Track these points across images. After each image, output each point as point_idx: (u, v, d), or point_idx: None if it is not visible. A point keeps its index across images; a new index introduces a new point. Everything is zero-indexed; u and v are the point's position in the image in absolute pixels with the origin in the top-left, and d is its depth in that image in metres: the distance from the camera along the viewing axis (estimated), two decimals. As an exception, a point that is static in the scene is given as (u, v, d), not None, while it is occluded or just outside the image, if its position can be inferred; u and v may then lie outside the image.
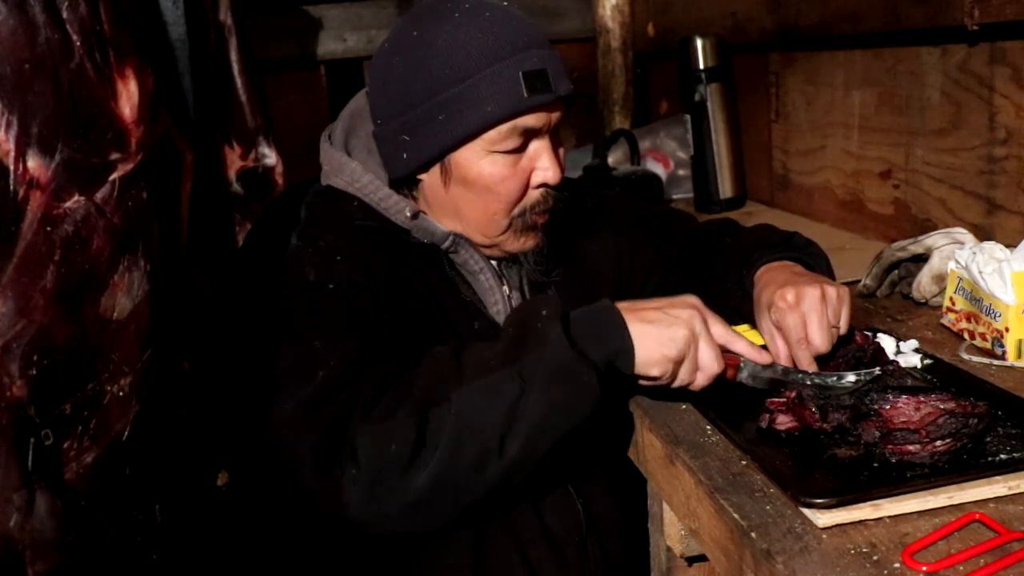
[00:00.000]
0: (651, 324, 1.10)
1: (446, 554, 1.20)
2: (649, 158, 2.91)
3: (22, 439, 0.79)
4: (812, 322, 1.19)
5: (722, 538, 0.98)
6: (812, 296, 1.19)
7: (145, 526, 0.92)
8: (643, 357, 1.09)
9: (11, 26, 0.76)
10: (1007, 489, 0.94)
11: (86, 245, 0.82)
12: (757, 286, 1.30)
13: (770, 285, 1.26)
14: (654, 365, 1.10)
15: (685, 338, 1.10)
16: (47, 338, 0.80)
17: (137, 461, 0.90)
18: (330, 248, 1.20)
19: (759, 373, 1.17)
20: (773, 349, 1.23)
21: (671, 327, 1.10)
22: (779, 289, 1.22)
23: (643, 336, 1.09)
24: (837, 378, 1.16)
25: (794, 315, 1.19)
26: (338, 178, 1.27)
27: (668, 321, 1.11)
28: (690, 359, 1.12)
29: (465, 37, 1.18)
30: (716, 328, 1.15)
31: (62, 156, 0.80)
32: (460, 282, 1.29)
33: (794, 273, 1.28)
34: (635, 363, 1.10)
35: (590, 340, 1.08)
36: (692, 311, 1.13)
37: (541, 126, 1.22)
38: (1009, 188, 1.73)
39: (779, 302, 1.21)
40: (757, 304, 1.28)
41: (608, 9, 3.23)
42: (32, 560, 0.81)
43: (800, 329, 1.19)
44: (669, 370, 1.11)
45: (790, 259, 1.35)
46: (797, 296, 1.20)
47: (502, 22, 1.20)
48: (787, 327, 1.20)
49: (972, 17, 1.64)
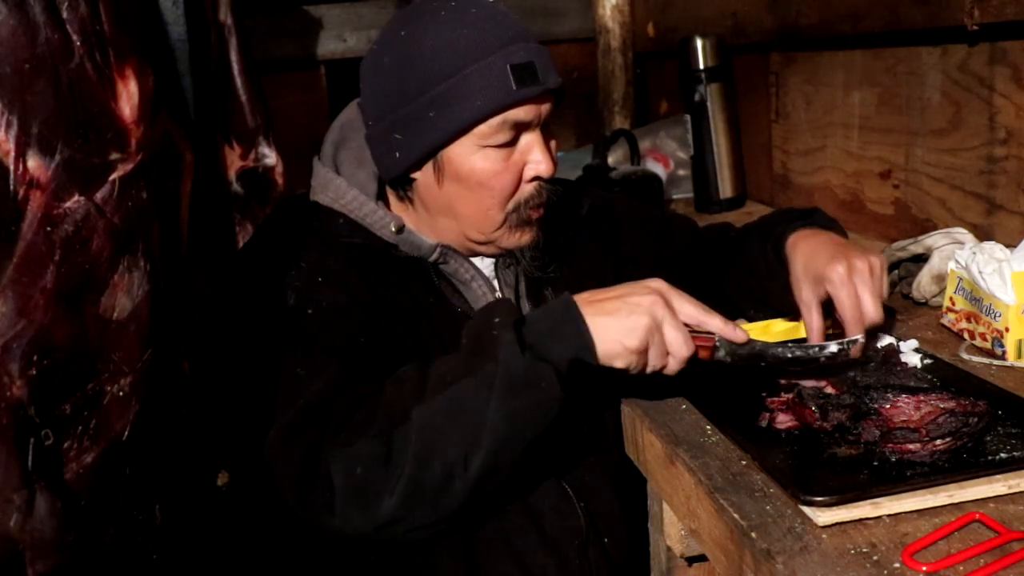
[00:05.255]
0: (610, 316, 1.07)
1: (439, 565, 1.20)
2: (649, 158, 2.91)
3: (22, 439, 0.79)
4: (865, 295, 1.18)
5: (722, 538, 0.98)
6: (862, 269, 1.19)
7: (145, 526, 0.92)
8: (604, 351, 1.07)
9: (11, 26, 0.76)
10: (1007, 488, 0.94)
11: (86, 245, 0.82)
12: (796, 256, 1.26)
13: (817, 256, 1.23)
14: (616, 357, 1.08)
15: (646, 326, 1.07)
16: (47, 338, 0.80)
17: (137, 461, 0.90)
18: (313, 269, 1.21)
19: (737, 350, 1.14)
20: (808, 321, 1.21)
21: (630, 316, 1.07)
22: (830, 262, 1.20)
23: (602, 329, 1.07)
24: (819, 348, 1.15)
25: (848, 288, 1.18)
26: (324, 194, 1.28)
27: (627, 310, 1.07)
28: (656, 345, 1.08)
29: (452, 33, 1.19)
30: (684, 308, 1.11)
31: (62, 156, 0.80)
32: (451, 293, 1.29)
33: (835, 243, 1.26)
34: (597, 357, 1.07)
35: (548, 341, 1.06)
36: (654, 296, 1.09)
37: (531, 119, 1.22)
38: (1009, 188, 1.73)
39: (831, 275, 1.19)
40: (803, 274, 1.24)
41: (608, 9, 3.23)
42: (32, 560, 0.81)
43: (855, 302, 1.18)
44: (634, 360, 1.08)
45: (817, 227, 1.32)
46: (849, 269, 1.19)
47: (489, 18, 1.21)
48: (842, 302, 1.18)
49: (972, 17, 1.64)
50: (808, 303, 1.22)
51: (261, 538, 1.29)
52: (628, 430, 1.29)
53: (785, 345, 1.16)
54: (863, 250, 1.23)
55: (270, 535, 1.28)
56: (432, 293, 1.27)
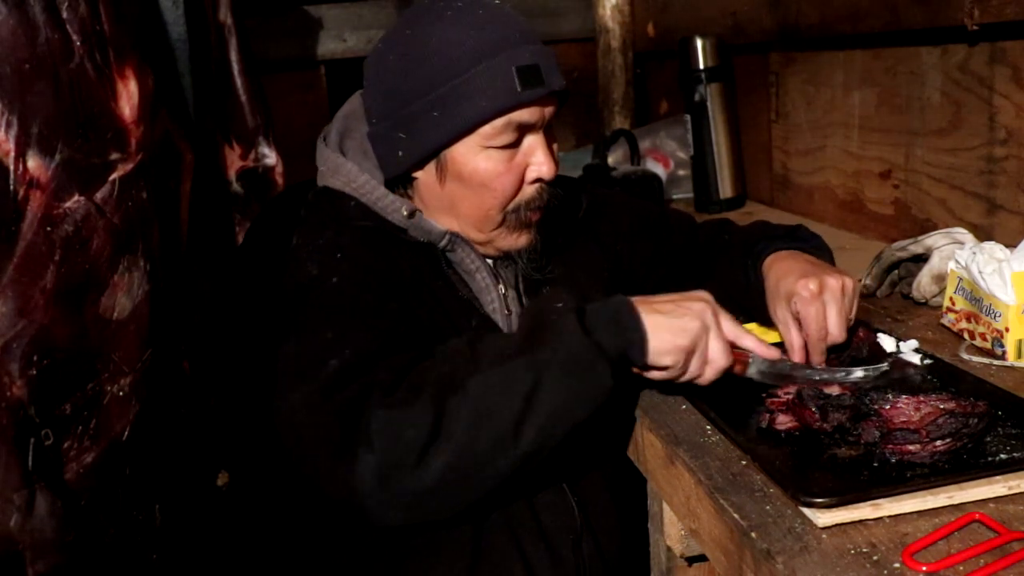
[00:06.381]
0: (664, 315, 1.11)
1: (445, 548, 1.20)
2: (649, 158, 2.91)
3: (22, 439, 0.80)
4: (832, 313, 1.20)
5: (722, 538, 0.98)
6: (834, 287, 1.21)
7: (145, 526, 0.92)
8: (656, 346, 1.10)
9: (11, 26, 0.76)
10: (1007, 489, 0.94)
11: (86, 245, 0.82)
12: (770, 275, 1.30)
13: (789, 274, 1.26)
14: (666, 354, 1.11)
15: (697, 329, 1.11)
16: (47, 338, 0.81)
17: (137, 461, 0.90)
18: (330, 246, 1.21)
19: (767, 369, 1.18)
20: (787, 338, 1.24)
21: (683, 318, 1.11)
22: (801, 279, 1.23)
23: (656, 326, 1.10)
24: (845, 374, 1.17)
25: (816, 305, 1.21)
26: (335, 179, 1.28)
27: (680, 312, 1.12)
28: (700, 351, 1.12)
29: (458, 34, 1.19)
30: (726, 324, 1.16)
31: (62, 156, 0.80)
32: (457, 280, 1.29)
33: (809, 263, 1.29)
34: (648, 352, 1.10)
35: (604, 331, 1.08)
36: (704, 305, 1.14)
37: (535, 121, 1.22)
38: (1009, 188, 1.73)
39: (802, 291, 1.22)
40: (774, 293, 1.28)
41: (608, 9, 3.23)
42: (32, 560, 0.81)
43: (821, 320, 1.20)
44: (681, 360, 1.12)
45: (796, 249, 1.35)
46: (820, 286, 1.21)
47: (495, 19, 1.21)
48: (808, 317, 1.21)
49: (972, 17, 1.64)
50: (784, 321, 1.25)
51: (261, 538, 1.29)
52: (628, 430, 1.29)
53: (814, 368, 1.19)
54: (837, 270, 1.26)
55: (270, 535, 1.28)
56: (440, 278, 1.28)
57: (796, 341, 1.23)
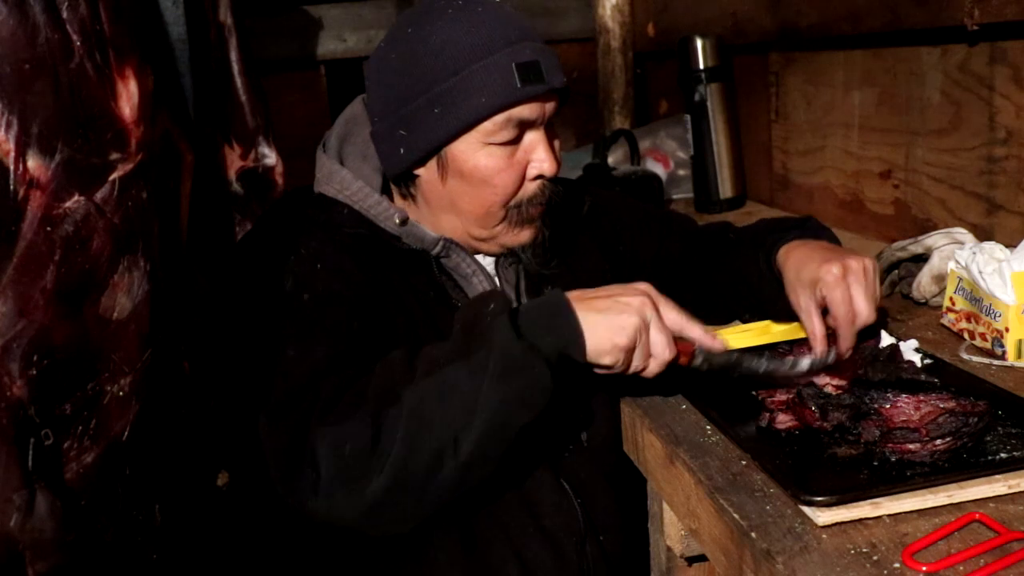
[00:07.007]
0: (600, 313, 1.09)
1: (438, 556, 1.20)
2: (649, 158, 2.91)
3: (22, 439, 0.80)
4: (858, 294, 1.19)
5: (722, 538, 0.98)
6: (856, 269, 1.20)
7: (145, 526, 0.92)
8: (593, 346, 1.08)
9: (11, 26, 0.76)
10: (1007, 488, 0.94)
11: (86, 245, 0.82)
12: (788, 265, 1.28)
13: (809, 262, 1.24)
14: (605, 354, 1.09)
15: (635, 326, 1.09)
16: (47, 338, 0.81)
17: (137, 461, 0.90)
18: (312, 256, 1.21)
19: (713, 359, 1.16)
20: (810, 327, 1.21)
21: (621, 315, 1.09)
22: (823, 264, 1.21)
23: (593, 325, 1.08)
24: (792, 364, 1.16)
25: (841, 288, 1.18)
26: (329, 186, 1.29)
27: (618, 309, 1.09)
28: (641, 346, 1.10)
29: (459, 31, 1.20)
30: (669, 315, 1.14)
31: (62, 156, 0.80)
32: (451, 287, 1.29)
33: (827, 248, 1.27)
34: (586, 352, 1.09)
35: (540, 332, 1.07)
36: (643, 298, 1.12)
37: (535, 117, 1.22)
38: (1009, 188, 1.73)
39: (825, 276, 1.19)
40: (795, 281, 1.25)
41: (608, 9, 3.23)
42: (32, 560, 0.81)
43: (848, 303, 1.18)
44: (621, 358, 1.10)
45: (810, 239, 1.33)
46: (843, 269, 1.19)
47: (495, 17, 1.22)
48: (835, 301, 1.19)
49: (972, 17, 1.64)
50: (807, 309, 1.22)
51: (261, 538, 1.29)
52: (628, 430, 1.29)
53: (761, 357, 1.18)
54: (856, 253, 1.24)
55: (270, 534, 1.28)
56: (433, 287, 1.28)
57: (819, 330, 1.20)
